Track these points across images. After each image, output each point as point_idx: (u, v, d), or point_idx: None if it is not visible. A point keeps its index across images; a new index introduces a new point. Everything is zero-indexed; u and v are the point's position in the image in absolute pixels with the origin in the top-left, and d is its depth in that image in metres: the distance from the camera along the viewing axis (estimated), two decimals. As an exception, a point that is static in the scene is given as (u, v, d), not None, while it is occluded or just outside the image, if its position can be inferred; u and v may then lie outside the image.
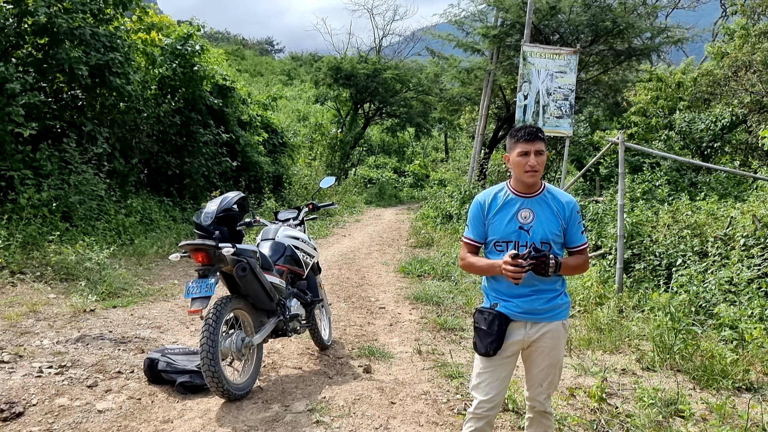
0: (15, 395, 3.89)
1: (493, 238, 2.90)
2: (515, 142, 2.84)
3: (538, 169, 2.80)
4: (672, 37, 17.70)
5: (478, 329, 2.86)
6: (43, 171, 8.57)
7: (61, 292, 6.73)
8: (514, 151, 2.84)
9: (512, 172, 2.90)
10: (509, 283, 2.80)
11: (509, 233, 2.85)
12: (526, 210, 2.87)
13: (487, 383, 2.87)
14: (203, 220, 4.22)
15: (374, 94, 27.10)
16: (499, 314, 2.83)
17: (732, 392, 4.51)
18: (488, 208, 2.91)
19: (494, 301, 2.86)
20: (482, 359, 2.88)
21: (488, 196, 2.95)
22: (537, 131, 2.82)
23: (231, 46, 55.96)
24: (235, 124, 14.47)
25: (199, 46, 12.17)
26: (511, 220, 2.87)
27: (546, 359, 2.90)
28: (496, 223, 2.89)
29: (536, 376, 2.96)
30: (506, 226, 2.86)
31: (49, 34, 8.91)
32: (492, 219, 2.90)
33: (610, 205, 9.92)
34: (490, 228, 2.91)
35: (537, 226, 2.85)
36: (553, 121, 12.03)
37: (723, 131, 14.14)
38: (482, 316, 2.86)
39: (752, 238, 6.50)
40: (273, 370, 4.87)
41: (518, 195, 2.90)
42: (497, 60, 17.77)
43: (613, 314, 6.33)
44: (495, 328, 2.80)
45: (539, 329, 2.86)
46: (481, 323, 2.85)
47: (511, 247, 2.83)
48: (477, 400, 2.88)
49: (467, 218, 3.01)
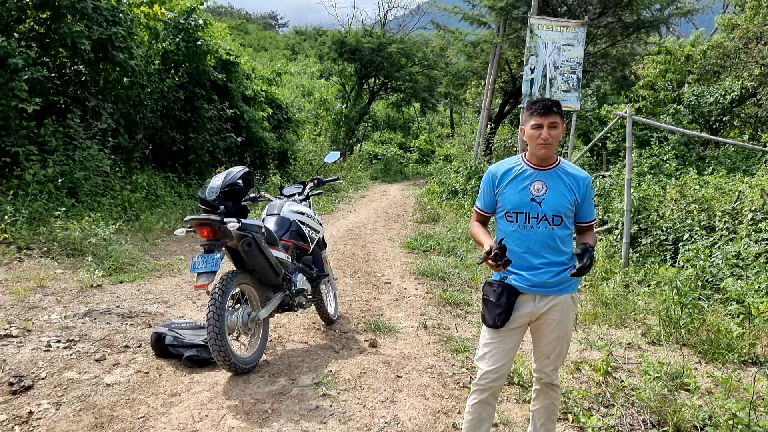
0: (24, 369, 3.93)
1: (505, 208, 2.89)
2: (530, 114, 2.83)
3: (551, 142, 2.79)
4: (681, 9, 17.37)
5: (487, 301, 2.86)
6: (47, 147, 8.55)
7: (68, 267, 6.76)
8: (528, 124, 2.83)
9: (528, 144, 2.89)
10: (520, 255, 2.83)
11: (521, 204, 2.84)
12: (539, 182, 2.85)
13: (492, 354, 2.86)
14: (208, 195, 4.20)
15: (379, 68, 26.86)
16: (509, 286, 2.82)
17: (738, 366, 4.51)
18: (500, 178, 2.91)
19: (504, 274, 2.83)
20: (489, 331, 2.88)
21: (501, 167, 2.95)
22: (552, 104, 2.79)
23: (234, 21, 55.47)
24: (239, 99, 14.38)
25: (202, 20, 12.04)
26: (523, 191, 2.85)
27: (554, 332, 2.90)
28: (507, 194, 2.88)
29: (544, 348, 2.96)
30: (518, 197, 2.85)
31: (51, 8, 8.82)
32: (504, 189, 2.89)
33: (617, 179, 9.86)
34: (502, 198, 2.90)
35: (549, 199, 2.84)
36: (560, 95, 11.90)
37: (732, 104, 13.99)
38: (491, 288, 2.86)
39: (760, 212, 6.46)
40: (279, 345, 4.90)
41: (532, 167, 2.89)
42: (504, 33, 17.52)
43: (619, 289, 6.32)
44: (504, 300, 2.80)
45: (548, 302, 2.86)
46: (490, 295, 2.85)
47: (521, 218, 2.84)
48: (482, 371, 2.88)
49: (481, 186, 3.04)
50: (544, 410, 3.08)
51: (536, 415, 3.11)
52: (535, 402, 3.12)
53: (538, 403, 3.10)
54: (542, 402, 3.08)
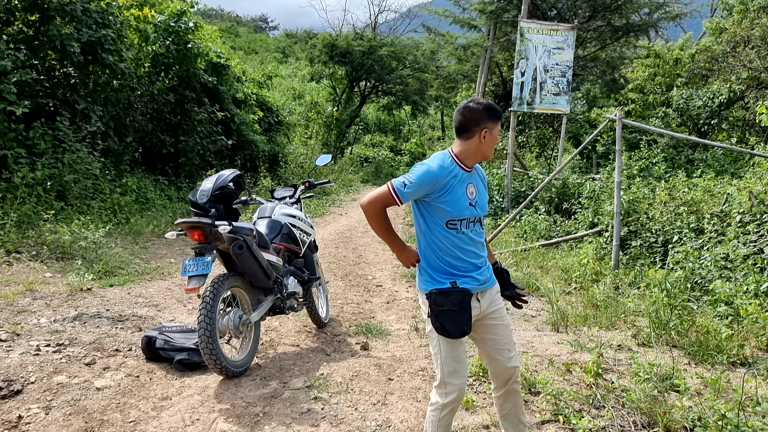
0: (13, 373, 3.90)
1: (447, 217, 2.73)
2: (497, 120, 2.76)
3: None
4: (670, 13, 17.51)
5: (447, 311, 2.69)
6: (36, 150, 8.49)
7: (58, 271, 6.71)
8: (495, 128, 2.77)
9: (483, 148, 2.78)
10: (466, 259, 2.77)
11: (463, 210, 2.74)
12: (471, 185, 2.81)
13: (462, 365, 2.77)
14: (199, 198, 4.19)
15: (370, 71, 26.89)
16: (465, 290, 2.73)
17: (727, 367, 4.55)
18: (446, 183, 2.71)
19: (451, 280, 2.74)
20: (451, 343, 2.74)
21: (444, 170, 2.72)
22: None
23: (225, 23, 55.35)
24: (229, 102, 14.35)
25: (192, 23, 12.01)
26: (463, 196, 2.75)
27: (503, 320, 2.91)
28: (452, 200, 2.71)
29: (502, 340, 2.90)
30: (460, 203, 2.74)
31: (40, 10, 8.77)
32: (446, 197, 2.71)
33: (607, 182, 9.92)
34: (444, 205, 2.71)
35: (480, 201, 2.83)
36: (550, 98, 11.98)
37: (720, 108, 14.11)
38: (448, 297, 2.70)
39: (748, 214, 6.51)
40: (271, 348, 4.89)
41: (465, 169, 2.80)
42: (494, 36, 17.60)
43: (609, 291, 6.36)
44: (466, 305, 2.72)
45: (488, 297, 2.87)
46: (450, 305, 2.69)
47: (463, 225, 2.75)
48: (458, 384, 2.76)
49: (411, 177, 2.70)
50: (515, 408, 3.03)
51: (510, 416, 3.05)
52: (504, 406, 3.03)
53: (509, 405, 3.02)
54: (513, 400, 3.01)
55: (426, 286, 2.79)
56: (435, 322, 2.72)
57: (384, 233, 2.85)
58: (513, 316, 6.05)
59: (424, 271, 2.83)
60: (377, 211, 2.77)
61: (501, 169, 14.05)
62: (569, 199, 10.77)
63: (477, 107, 2.75)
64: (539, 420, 3.63)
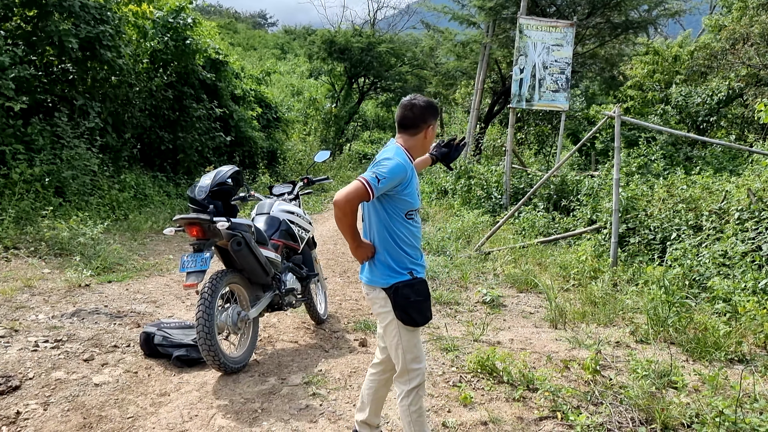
0: (11, 369, 3.89)
1: (411, 207, 2.86)
2: (437, 117, 2.95)
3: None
4: (669, 10, 17.51)
5: (414, 302, 2.80)
6: (35, 146, 8.48)
7: (56, 267, 6.70)
8: (434, 126, 2.95)
9: (425, 144, 2.97)
10: (417, 247, 2.92)
11: (418, 201, 2.93)
12: (416, 178, 2.98)
13: (421, 350, 2.93)
14: (197, 194, 4.19)
15: (369, 68, 26.85)
16: (424, 280, 2.91)
17: (725, 364, 4.56)
18: (410, 175, 2.82)
19: (408, 270, 2.85)
20: (411, 331, 2.86)
21: (409, 164, 2.84)
22: None
23: (223, 20, 55.25)
24: (228, 98, 14.33)
25: (191, 19, 11.98)
26: (418, 187, 2.95)
27: None
28: (412, 192, 2.85)
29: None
30: (417, 194, 2.92)
31: (38, 5, 8.75)
32: (409, 188, 2.82)
33: (606, 179, 9.93)
34: (407, 197, 2.82)
35: (419, 193, 3.02)
36: (549, 95, 11.97)
37: (719, 105, 14.11)
38: (413, 288, 2.82)
39: (747, 211, 6.52)
40: (269, 344, 4.89)
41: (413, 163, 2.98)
42: (493, 33, 17.57)
43: (608, 288, 6.37)
44: (428, 293, 2.89)
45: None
46: (417, 295, 2.82)
47: (416, 215, 2.92)
48: (418, 372, 2.89)
49: (384, 171, 2.71)
50: (385, 392, 3.23)
51: (380, 399, 3.22)
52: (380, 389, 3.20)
53: (384, 390, 3.22)
54: (388, 386, 3.21)
55: (387, 280, 2.83)
56: (402, 315, 2.81)
57: (352, 230, 2.83)
58: (511, 314, 6.06)
59: (381, 264, 2.86)
60: (353, 208, 2.74)
61: (500, 166, 14.05)
62: (568, 196, 10.77)
63: (424, 105, 2.90)
64: (537, 416, 3.64)
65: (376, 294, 2.88)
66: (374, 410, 3.22)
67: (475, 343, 4.98)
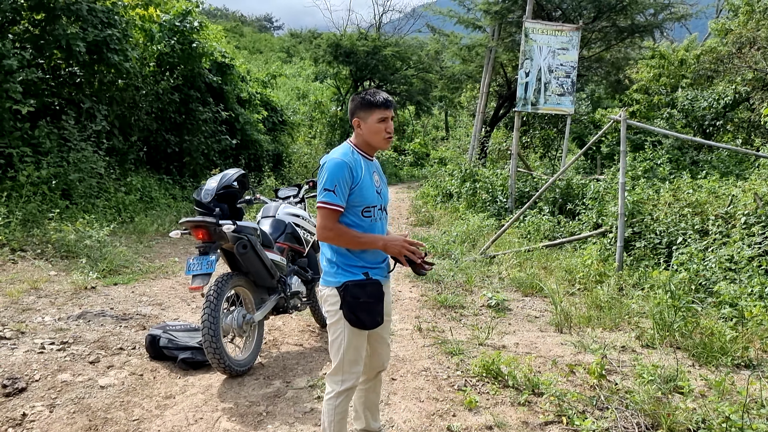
0: (17, 371, 3.91)
1: (363, 204, 2.78)
2: (373, 108, 2.78)
3: (392, 134, 2.87)
4: (675, 14, 17.47)
5: (362, 303, 2.74)
6: (42, 148, 8.53)
7: (62, 269, 6.73)
8: (372, 116, 2.79)
9: (366, 138, 2.84)
10: (374, 251, 2.82)
11: (373, 197, 2.82)
12: (376, 174, 2.91)
13: (361, 355, 2.85)
14: (203, 197, 4.20)
15: (374, 71, 26.90)
16: (379, 281, 2.82)
17: (731, 369, 4.53)
18: (355, 171, 2.75)
19: (363, 271, 2.79)
20: (356, 333, 2.78)
21: (352, 160, 2.77)
22: (389, 97, 2.84)
23: (229, 23, 55.47)
24: (234, 101, 14.38)
25: (197, 23, 12.05)
26: (371, 183, 2.84)
27: (389, 315, 3.03)
28: (364, 188, 2.78)
29: (387, 331, 3.05)
30: (371, 190, 2.82)
31: (46, 9, 8.81)
32: (360, 184, 2.76)
33: (612, 183, 9.90)
34: (359, 193, 2.76)
35: (383, 189, 2.94)
36: (554, 98, 11.96)
37: (725, 109, 14.06)
38: (364, 289, 2.75)
39: (753, 216, 6.49)
40: (274, 347, 4.90)
41: (367, 158, 2.88)
42: (499, 37, 17.58)
43: (613, 292, 6.34)
44: (380, 296, 2.81)
45: (386, 288, 2.92)
46: (366, 296, 2.75)
47: (375, 212, 2.84)
48: (353, 375, 2.83)
49: (327, 182, 2.70)
50: (376, 396, 3.21)
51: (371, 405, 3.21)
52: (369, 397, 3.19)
53: (374, 396, 3.20)
54: (376, 390, 3.19)
55: (337, 279, 2.79)
56: (349, 315, 2.74)
57: (357, 240, 2.77)
58: (516, 318, 6.05)
59: (332, 264, 2.82)
60: (336, 231, 2.72)
61: (505, 169, 14.03)
62: (573, 199, 10.74)
63: (353, 99, 2.87)
64: (542, 421, 3.63)
65: (329, 292, 2.82)
66: (371, 416, 3.21)
67: (480, 346, 4.97)
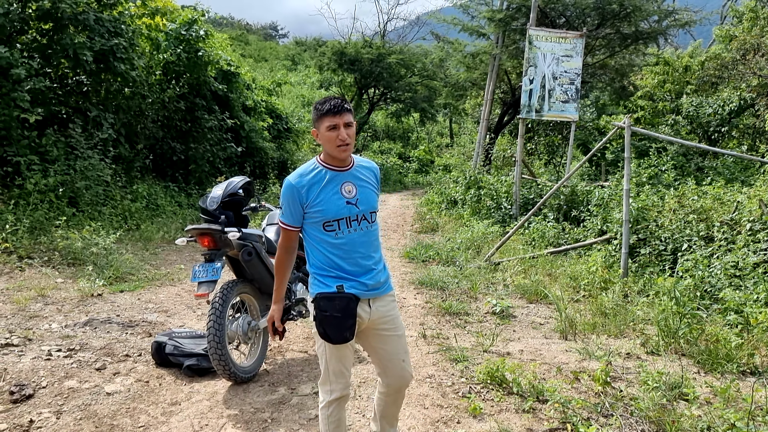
0: (25, 378, 3.94)
1: (323, 219, 2.68)
2: (322, 115, 2.66)
3: (349, 141, 2.69)
4: (680, 20, 17.46)
5: (329, 317, 2.67)
6: (49, 156, 8.60)
7: (69, 276, 6.77)
8: (322, 126, 2.67)
9: (324, 148, 2.73)
10: (354, 262, 2.73)
11: (339, 210, 2.69)
12: (349, 184, 2.75)
13: (346, 366, 2.78)
14: (209, 205, 4.23)
15: (379, 79, 26.99)
16: (351, 296, 2.69)
17: (736, 376, 4.52)
18: (308, 189, 2.68)
19: (338, 284, 2.70)
20: (335, 347, 2.72)
21: (304, 178, 2.70)
22: (342, 102, 2.68)
23: (235, 31, 55.76)
24: (239, 109, 14.46)
25: (203, 31, 12.14)
26: (336, 196, 2.70)
27: (397, 329, 2.88)
28: (322, 203, 2.68)
29: (394, 350, 2.88)
30: (334, 203, 2.69)
31: (53, 19, 8.90)
32: (316, 200, 2.68)
33: (616, 189, 9.89)
34: (316, 209, 2.68)
35: (362, 198, 2.76)
36: (558, 105, 11.98)
37: (730, 115, 14.05)
38: (332, 303, 2.67)
39: (758, 222, 6.47)
40: (279, 354, 4.91)
41: (335, 170, 2.75)
42: (503, 44, 17.62)
43: (618, 299, 6.33)
44: (350, 312, 2.68)
45: (380, 302, 2.82)
46: (334, 310, 2.66)
47: (343, 225, 2.70)
48: (340, 386, 2.79)
49: (281, 200, 2.75)
50: (396, 409, 3.11)
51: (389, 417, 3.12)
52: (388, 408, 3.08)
53: (393, 408, 3.09)
54: (398, 404, 3.08)
55: (313, 290, 2.77)
56: (318, 327, 2.71)
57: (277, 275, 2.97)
58: (521, 324, 6.05)
59: (312, 274, 2.80)
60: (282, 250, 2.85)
61: (509, 176, 14.04)
62: (578, 206, 10.74)
63: (313, 109, 2.74)
64: (547, 428, 3.63)
65: (310, 301, 2.81)
66: (387, 424, 3.16)
67: (484, 353, 4.97)
